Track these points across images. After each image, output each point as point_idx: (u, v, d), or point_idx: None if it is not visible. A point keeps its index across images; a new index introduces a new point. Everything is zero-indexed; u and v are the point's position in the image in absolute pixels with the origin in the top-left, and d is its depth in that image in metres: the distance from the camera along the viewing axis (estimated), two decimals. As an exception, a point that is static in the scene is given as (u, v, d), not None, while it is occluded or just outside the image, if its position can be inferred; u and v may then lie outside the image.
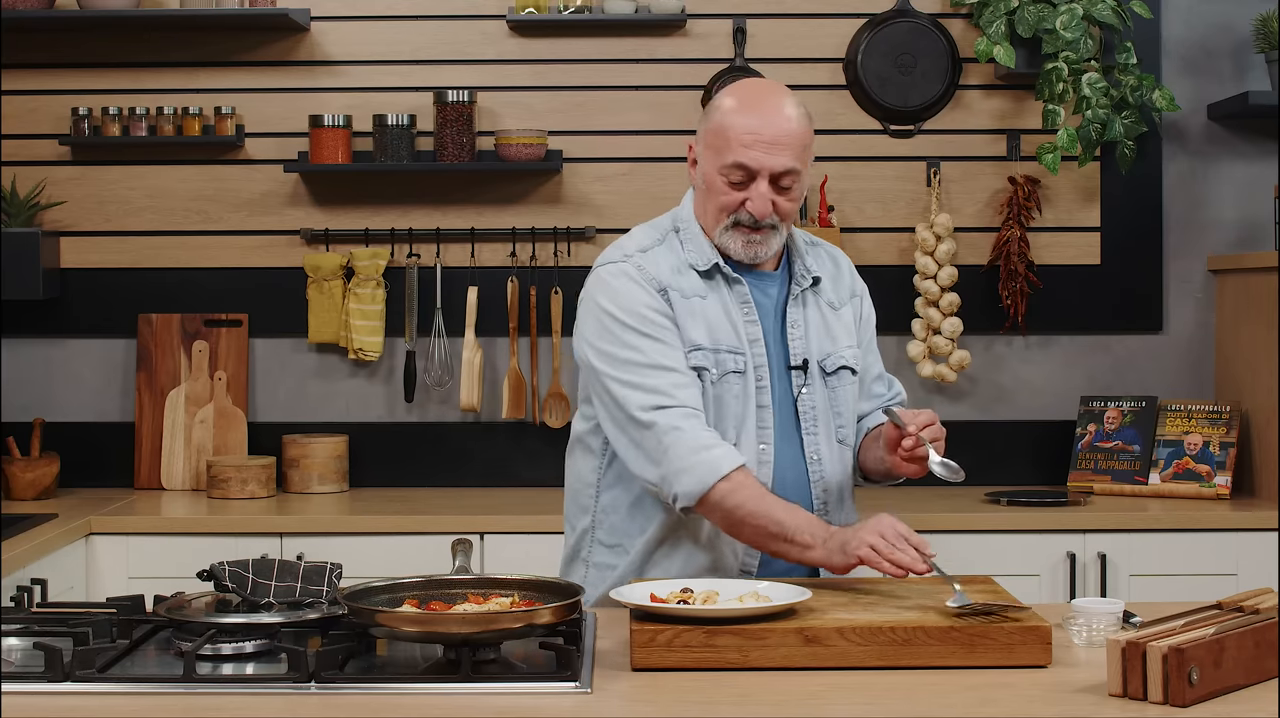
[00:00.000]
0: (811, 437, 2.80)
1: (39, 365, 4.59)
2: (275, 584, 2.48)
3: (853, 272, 2.96)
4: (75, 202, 4.56)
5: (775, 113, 2.70)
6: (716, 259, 2.76)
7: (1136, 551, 4.04)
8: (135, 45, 4.56)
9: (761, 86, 2.82)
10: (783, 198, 2.71)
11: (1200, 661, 2.06)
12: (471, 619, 2.23)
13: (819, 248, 2.92)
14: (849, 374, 2.85)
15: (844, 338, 2.86)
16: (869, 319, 2.98)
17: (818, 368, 2.81)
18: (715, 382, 2.73)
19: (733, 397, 2.73)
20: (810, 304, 2.84)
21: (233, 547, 3.95)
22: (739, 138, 2.68)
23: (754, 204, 2.70)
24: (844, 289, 2.91)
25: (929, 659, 2.27)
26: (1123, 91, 4.39)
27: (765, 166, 2.68)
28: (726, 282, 2.77)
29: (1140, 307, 4.60)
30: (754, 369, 2.75)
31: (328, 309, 4.51)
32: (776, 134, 2.68)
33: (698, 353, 2.73)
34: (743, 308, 2.77)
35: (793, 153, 2.69)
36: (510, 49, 4.56)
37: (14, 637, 2.42)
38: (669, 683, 2.21)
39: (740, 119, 2.69)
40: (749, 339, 2.76)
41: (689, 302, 2.74)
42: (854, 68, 4.53)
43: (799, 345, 2.80)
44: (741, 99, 2.73)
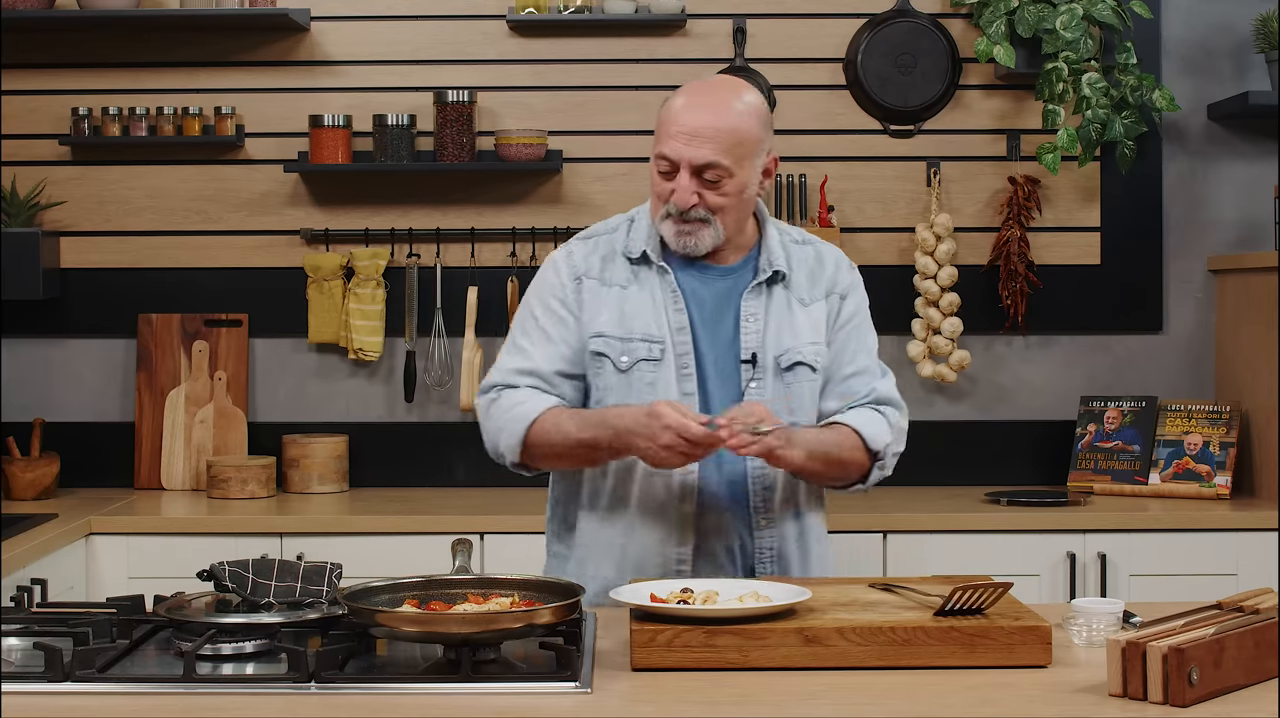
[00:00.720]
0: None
1: (39, 365, 4.59)
2: (275, 584, 2.48)
3: (841, 270, 2.90)
4: (75, 202, 4.56)
5: (709, 106, 2.70)
6: (645, 248, 2.79)
7: (1136, 551, 4.04)
8: (135, 45, 4.56)
9: (715, 81, 2.84)
10: (711, 191, 2.71)
11: (1200, 661, 2.06)
12: (471, 619, 2.23)
13: (809, 246, 2.89)
14: (807, 371, 2.81)
15: (808, 334, 2.82)
16: (851, 317, 2.90)
17: (772, 363, 2.79)
18: (625, 369, 2.76)
19: (645, 384, 2.75)
20: (776, 298, 2.81)
21: (233, 547, 3.95)
22: (667, 128, 2.71)
23: (676, 195, 2.71)
24: (821, 286, 2.86)
25: (929, 659, 2.27)
26: (1123, 91, 4.39)
27: (684, 158, 2.69)
28: (656, 269, 2.79)
29: (1140, 307, 4.60)
30: (676, 358, 2.76)
31: (328, 309, 4.51)
32: (700, 126, 2.68)
33: (599, 340, 2.78)
34: (671, 297, 2.77)
35: (717, 147, 2.68)
36: (510, 49, 4.56)
37: (14, 637, 2.42)
38: (669, 683, 2.21)
39: (677, 110, 2.71)
40: (674, 328, 2.76)
41: (607, 290, 2.79)
42: (854, 68, 4.53)
43: (751, 339, 2.78)
44: (688, 91, 2.76)
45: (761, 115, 2.76)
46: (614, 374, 2.78)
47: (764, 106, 2.78)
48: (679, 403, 2.63)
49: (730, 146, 2.69)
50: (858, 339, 2.90)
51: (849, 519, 4.05)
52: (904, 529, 4.04)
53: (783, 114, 4.56)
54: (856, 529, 4.03)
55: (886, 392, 2.89)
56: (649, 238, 2.80)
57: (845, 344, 2.88)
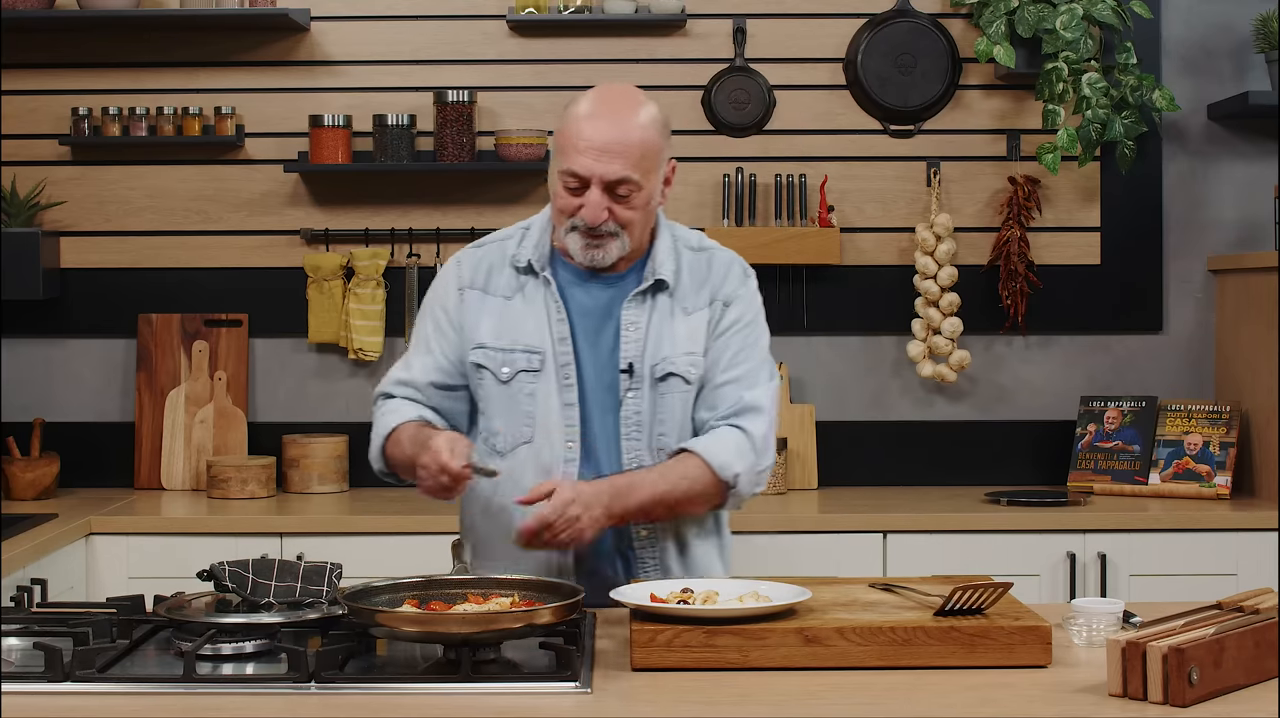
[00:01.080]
0: (632, 442, 2.76)
1: (39, 365, 4.59)
2: (275, 584, 2.48)
3: (730, 278, 2.82)
4: (75, 202, 4.57)
5: (617, 120, 2.68)
6: (530, 257, 2.78)
7: (1136, 551, 4.04)
8: (135, 45, 4.56)
9: (613, 93, 2.79)
10: (621, 206, 2.68)
11: (1200, 661, 2.06)
12: (471, 619, 2.23)
13: (703, 253, 2.83)
14: (680, 382, 2.76)
15: (686, 344, 2.77)
16: (731, 326, 2.80)
17: (649, 373, 2.76)
18: (506, 381, 2.77)
19: (525, 395, 2.75)
20: (659, 305, 2.77)
21: (233, 547, 3.95)
22: (574, 143, 2.67)
23: (586, 211, 2.68)
24: (705, 294, 2.80)
25: (929, 659, 2.27)
26: (1123, 91, 4.39)
27: (596, 174, 2.66)
28: (541, 280, 2.78)
29: (1140, 307, 4.60)
30: (558, 368, 2.75)
31: (328, 309, 4.51)
32: (609, 142, 2.66)
33: (479, 352, 2.79)
34: (554, 307, 2.76)
35: (627, 162, 2.66)
36: (510, 49, 4.56)
37: (14, 637, 2.42)
38: (669, 683, 2.21)
39: (581, 125, 2.68)
40: (555, 338, 2.75)
41: (489, 300, 2.80)
42: (854, 68, 4.53)
43: (630, 348, 2.75)
44: (589, 104, 2.73)
45: (663, 125, 2.74)
46: (495, 386, 2.78)
47: (664, 115, 2.76)
48: (465, 440, 2.61)
49: (639, 160, 2.67)
50: (736, 347, 2.80)
51: (849, 519, 4.06)
52: (904, 529, 4.04)
53: (783, 114, 4.56)
54: (856, 529, 4.04)
55: (755, 400, 2.78)
56: (537, 247, 2.79)
57: (722, 352, 2.80)
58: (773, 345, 4.53)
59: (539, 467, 2.76)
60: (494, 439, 2.80)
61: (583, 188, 2.68)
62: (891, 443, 4.58)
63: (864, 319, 4.58)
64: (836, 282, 4.56)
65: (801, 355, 4.59)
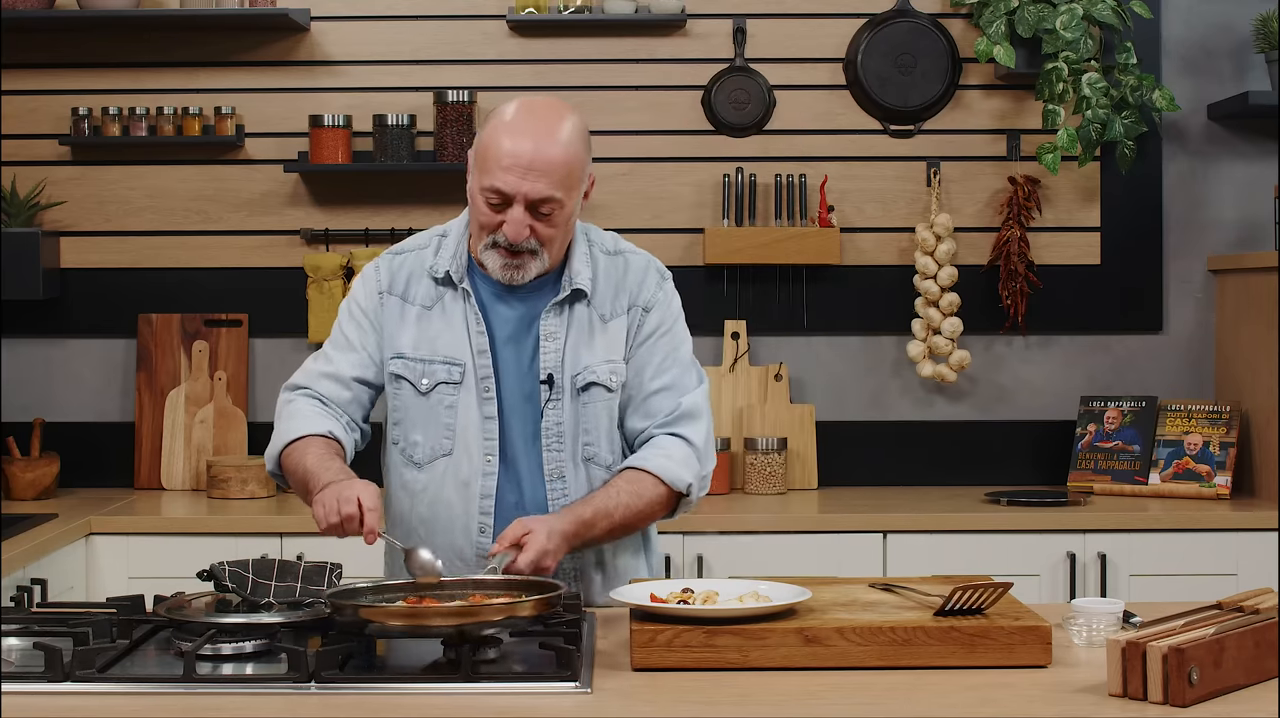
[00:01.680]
0: (553, 453, 2.74)
1: (39, 365, 4.59)
2: (275, 584, 2.48)
3: (647, 283, 2.79)
4: (75, 202, 4.57)
5: (540, 137, 2.62)
6: (449, 268, 2.74)
7: (1136, 551, 4.04)
8: (135, 45, 4.56)
9: (536, 107, 2.69)
10: (542, 224, 2.63)
11: (1200, 661, 2.06)
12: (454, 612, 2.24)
13: (619, 257, 2.80)
14: (602, 392, 2.74)
15: (604, 352, 2.74)
16: (654, 332, 2.78)
17: (569, 383, 2.73)
18: (426, 392, 2.73)
19: (445, 407, 2.73)
20: (577, 315, 2.74)
21: (233, 547, 3.95)
22: (498, 160, 2.61)
23: (508, 228, 2.63)
24: (623, 300, 2.77)
25: (929, 659, 2.27)
26: (1123, 91, 4.39)
27: (520, 192, 2.61)
28: (461, 292, 2.74)
29: (1140, 307, 4.60)
30: (479, 380, 2.72)
31: (328, 309, 4.50)
32: (534, 159, 2.60)
33: (398, 362, 2.75)
34: (473, 318, 2.73)
35: (552, 180, 2.61)
36: (510, 49, 4.56)
37: (14, 637, 2.42)
38: (669, 683, 2.21)
39: (504, 140, 2.62)
40: (475, 350, 2.72)
41: (409, 309, 2.76)
42: (854, 68, 4.53)
43: (550, 359, 2.72)
44: (512, 119, 2.65)
45: (585, 139, 2.69)
46: (414, 397, 2.75)
47: (585, 129, 2.70)
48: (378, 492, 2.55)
49: (563, 178, 2.62)
50: (663, 353, 2.78)
51: (849, 519, 4.06)
52: (904, 529, 4.04)
53: (783, 114, 4.56)
54: (856, 529, 4.04)
55: (691, 406, 2.77)
56: (454, 258, 2.75)
57: (648, 359, 2.77)
58: (773, 345, 4.58)
59: (457, 480, 2.74)
60: (411, 451, 2.77)
61: (505, 204, 2.63)
62: (891, 443, 4.58)
63: (864, 319, 4.58)
64: (836, 282, 4.56)
65: (801, 355, 4.59)
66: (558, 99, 2.80)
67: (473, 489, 2.73)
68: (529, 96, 2.78)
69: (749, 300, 4.56)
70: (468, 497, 2.74)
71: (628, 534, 2.77)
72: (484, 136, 2.67)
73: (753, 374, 4.53)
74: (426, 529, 2.76)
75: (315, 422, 2.75)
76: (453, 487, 2.74)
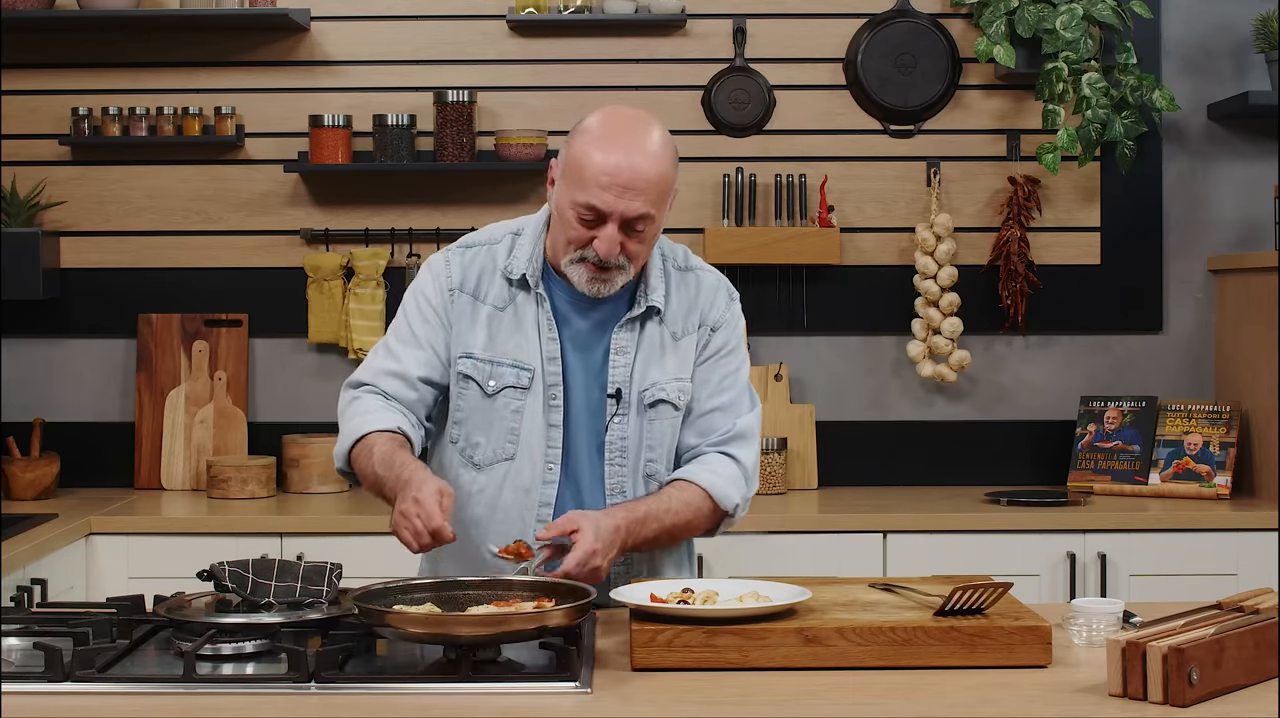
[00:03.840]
0: (616, 468, 2.73)
1: (39, 365, 4.59)
2: (275, 584, 2.48)
3: (718, 302, 2.79)
4: (75, 202, 4.57)
5: (635, 155, 2.58)
6: (525, 271, 2.71)
7: (1136, 551, 4.04)
8: (135, 45, 4.56)
9: (627, 122, 2.64)
10: (633, 240, 2.61)
11: (1200, 661, 2.06)
12: (481, 621, 2.23)
13: (690, 273, 2.79)
14: (669, 409, 2.73)
15: (675, 369, 2.74)
16: (718, 350, 2.79)
17: (636, 398, 2.72)
18: (492, 394, 2.70)
19: (511, 411, 2.70)
20: (649, 331, 2.73)
21: (233, 547, 3.95)
22: (595, 178, 2.57)
23: (601, 245, 2.60)
24: (694, 318, 2.76)
25: (929, 659, 2.27)
26: (1123, 91, 4.39)
27: (617, 211, 2.58)
28: (534, 296, 2.71)
29: (1140, 307, 4.60)
30: (545, 388, 2.70)
31: (328, 309, 4.51)
32: (633, 178, 2.57)
33: (466, 361, 2.72)
34: (546, 324, 2.70)
35: (648, 198, 2.58)
36: (510, 49, 4.56)
37: (14, 637, 2.42)
38: (669, 683, 2.21)
39: (599, 156, 2.58)
40: (545, 356, 2.70)
41: (480, 308, 2.72)
42: (854, 68, 4.53)
43: (620, 373, 2.70)
44: (605, 134, 2.61)
45: (674, 152, 2.66)
46: (479, 398, 2.71)
47: (672, 141, 2.66)
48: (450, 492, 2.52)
49: (658, 195, 2.60)
50: (723, 372, 2.79)
51: (849, 519, 4.06)
52: (904, 529, 4.04)
53: (783, 114, 4.56)
54: (856, 529, 4.04)
55: (745, 428, 2.79)
56: (531, 260, 2.71)
57: (708, 377, 2.78)
58: (773, 345, 4.58)
59: (518, 486, 2.72)
60: (472, 452, 2.74)
61: (599, 221, 2.59)
62: (891, 443, 4.58)
63: (864, 319, 4.58)
64: (836, 282, 4.56)
65: (801, 355, 4.59)
66: (641, 109, 2.72)
67: (532, 497, 2.71)
68: (615, 108, 2.68)
69: (749, 300, 4.48)
70: (526, 503, 2.71)
71: (673, 544, 2.76)
72: (575, 150, 2.62)
73: (753, 374, 4.52)
74: (479, 530, 2.73)
75: (383, 416, 2.71)
76: (511, 492, 2.71)
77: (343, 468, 2.75)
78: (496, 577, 2.51)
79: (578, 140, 2.63)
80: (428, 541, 2.48)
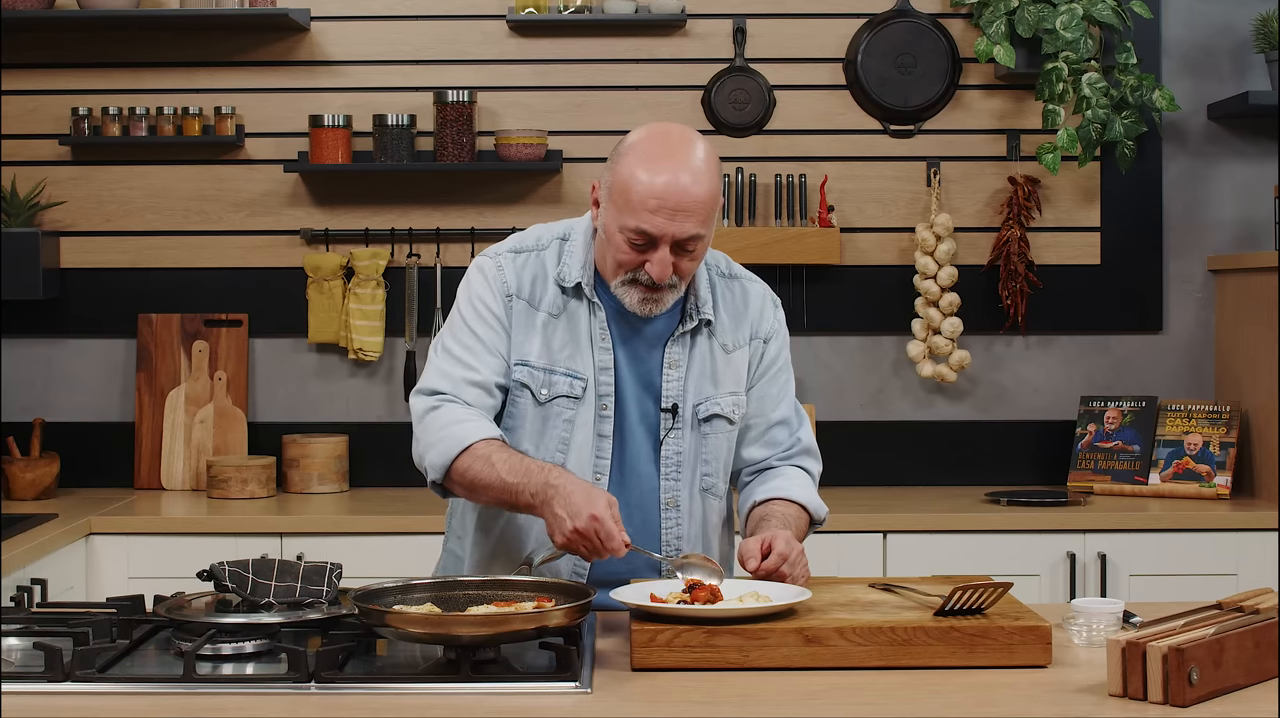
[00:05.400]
0: (671, 482, 2.70)
1: (39, 365, 4.59)
2: (275, 584, 2.48)
3: (766, 312, 2.79)
4: (75, 202, 4.57)
5: (685, 175, 2.53)
6: (580, 279, 2.66)
7: (1136, 551, 4.04)
8: (135, 45, 4.56)
9: (671, 141, 2.58)
10: (684, 259, 2.58)
11: (1200, 661, 2.06)
12: (481, 621, 2.23)
13: (735, 282, 2.78)
14: (724, 423, 2.72)
15: (728, 383, 2.72)
16: (773, 363, 2.79)
17: (691, 413, 2.70)
18: (544, 403, 2.67)
19: (563, 421, 2.66)
20: (699, 344, 2.71)
21: (233, 547, 3.95)
22: (643, 202, 2.52)
23: (654, 269, 2.56)
24: (745, 331, 2.75)
25: (929, 659, 2.27)
26: (1123, 91, 4.40)
27: (669, 234, 2.54)
28: (588, 304, 2.67)
29: (1140, 307, 4.60)
30: (597, 398, 2.66)
31: (328, 309, 4.51)
32: (681, 200, 2.52)
33: (522, 369, 2.67)
34: (600, 334, 2.67)
35: (699, 218, 2.54)
36: (510, 49, 4.56)
37: (14, 637, 2.42)
38: (669, 683, 2.21)
39: (646, 179, 2.53)
40: (598, 367, 2.66)
41: (536, 315, 2.67)
42: (854, 68, 4.53)
43: (673, 387, 2.68)
44: (650, 155, 2.55)
45: (719, 166, 2.61)
46: (532, 406, 2.67)
47: (716, 154, 2.62)
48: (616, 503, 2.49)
49: (707, 216, 2.56)
50: (780, 385, 2.80)
51: (849, 519, 4.05)
52: (904, 529, 4.04)
53: (783, 114, 4.56)
54: (856, 529, 4.03)
55: (809, 441, 2.86)
56: (584, 267, 2.67)
57: (767, 390, 2.79)
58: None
59: None
60: None
61: (649, 245, 2.55)
62: (891, 443, 4.58)
63: (864, 319, 4.58)
64: (836, 282, 4.56)
65: (801, 355, 4.57)
66: (685, 127, 2.66)
67: None
68: (658, 126, 2.62)
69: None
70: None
71: None
72: (620, 173, 2.56)
73: (753, 374, 4.53)
74: (518, 538, 2.70)
75: (483, 425, 2.61)
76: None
77: (440, 478, 2.61)
78: (496, 577, 2.51)
79: (622, 163, 2.57)
80: (604, 557, 2.48)
